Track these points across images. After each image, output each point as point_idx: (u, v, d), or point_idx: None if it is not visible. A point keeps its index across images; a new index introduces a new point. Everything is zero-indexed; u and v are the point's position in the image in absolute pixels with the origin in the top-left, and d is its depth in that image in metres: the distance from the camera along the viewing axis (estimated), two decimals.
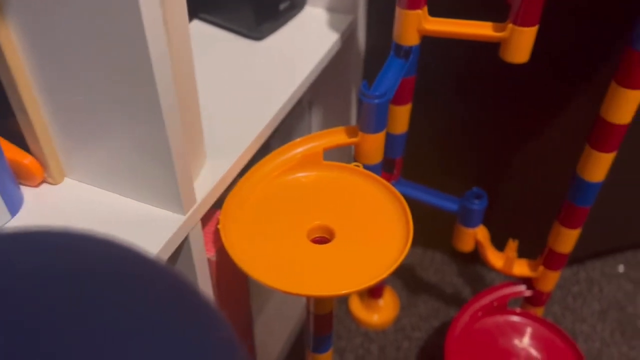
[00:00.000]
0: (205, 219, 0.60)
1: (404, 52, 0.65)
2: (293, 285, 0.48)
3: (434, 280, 1.05)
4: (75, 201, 0.49)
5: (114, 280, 0.22)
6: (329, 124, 0.89)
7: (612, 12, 0.70)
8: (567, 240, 0.75)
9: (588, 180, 0.67)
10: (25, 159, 0.48)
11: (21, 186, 0.49)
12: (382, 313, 0.97)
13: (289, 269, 0.50)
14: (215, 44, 0.71)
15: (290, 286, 0.48)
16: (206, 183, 0.51)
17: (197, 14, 0.75)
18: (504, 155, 0.90)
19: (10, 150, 0.48)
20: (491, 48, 0.63)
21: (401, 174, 0.79)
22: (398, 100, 0.70)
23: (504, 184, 0.93)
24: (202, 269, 0.53)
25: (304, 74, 0.65)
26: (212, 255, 0.57)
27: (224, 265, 0.59)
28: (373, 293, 0.96)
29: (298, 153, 0.60)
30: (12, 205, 0.46)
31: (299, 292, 0.48)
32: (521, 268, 0.81)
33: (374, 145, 0.63)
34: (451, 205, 0.74)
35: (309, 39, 0.72)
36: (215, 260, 0.57)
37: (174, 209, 0.47)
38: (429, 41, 0.67)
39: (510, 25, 0.58)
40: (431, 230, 1.00)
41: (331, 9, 0.77)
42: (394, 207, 0.56)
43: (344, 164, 0.60)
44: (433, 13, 0.62)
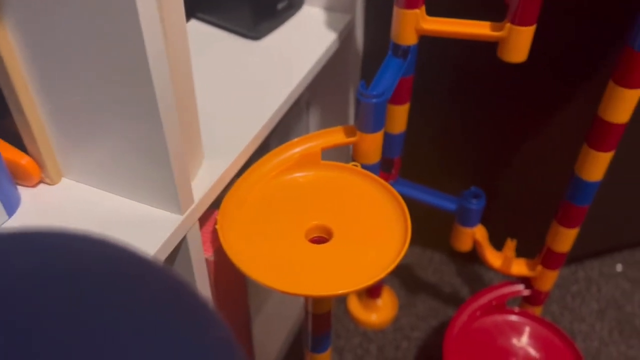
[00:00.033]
0: (203, 219, 0.60)
1: (402, 52, 0.65)
2: (291, 285, 0.48)
3: (433, 279, 1.05)
4: (72, 201, 0.48)
5: (111, 281, 0.22)
6: (327, 124, 0.89)
7: (610, 12, 0.70)
8: (566, 239, 0.75)
9: (586, 179, 0.67)
10: (23, 159, 0.48)
11: (18, 186, 0.49)
12: (381, 313, 0.97)
13: (287, 268, 0.50)
14: (212, 44, 0.71)
15: (288, 286, 0.48)
16: (204, 183, 0.51)
17: (195, 14, 0.75)
18: (502, 155, 0.90)
19: (7, 150, 0.48)
20: (489, 47, 0.63)
21: (399, 173, 0.79)
22: (396, 100, 0.70)
23: (502, 183, 0.93)
24: (200, 269, 0.53)
25: (302, 74, 0.65)
26: (210, 255, 0.57)
27: (222, 265, 0.59)
28: (371, 293, 0.96)
29: (296, 153, 0.60)
30: (10, 205, 0.46)
31: (297, 292, 0.48)
32: (519, 267, 0.81)
33: (372, 145, 0.63)
34: (449, 204, 0.74)
35: (306, 38, 0.72)
36: (213, 260, 0.57)
37: (172, 209, 0.47)
38: (427, 41, 0.67)
39: (508, 25, 0.58)
40: (429, 229, 1.00)
41: (329, 8, 0.77)
42: (392, 207, 0.56)
43: (342, 164, 0.60)
44: (431, 12, 0.62)
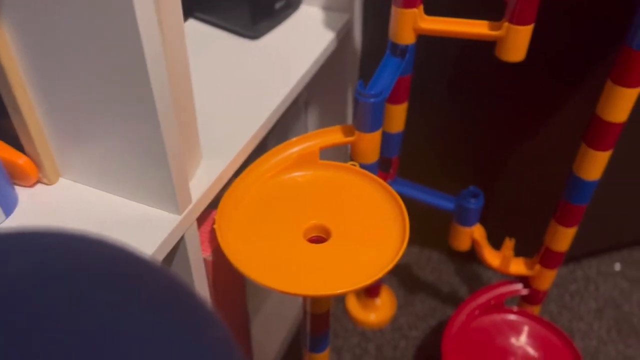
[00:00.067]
0: (201, 219, 0.60)
1: (400, 51, 0.64)
2: (289, 285, 0.48)
3: (431, 279, 1.05)
4: (70, 201, 0.48)
5: (110, 281, 0.22)
6: (325, 123, 0.88)
7: (608, 11, 0.70)
8: (564, 238, 0.75)
9: (584, 178, 0.67)
10: (20, 159, 0.48)
11: (16, 186, 0.49)
12: (379, 312, 0.97)
13: (286, 268, 0.50)
14: (210, 43, 0.71)
15: (286, 286, 0.48)
16: (202, 183, 0.51)
17: (193, 13, 0.75)
18: (500, 154, 0.90)
19: (4, 150, 0.48)
20: (487, 47, 0.63)
21: (397, 173, 0.79)
22: (394, 99, 0.70)
23: (501, 182, 0.93)
24: (198, 269, 0.53)
25: (300, 73, 0.65)
26: (208, 255, 0.57)
27: (220, 265, 0.59)
28: (370, 292, 0.96)
29: (294, 152, 0.60)
30: (7, 205, 0.46)
31: (296, 292, 0.48)
32: (518, 267, 0.81)
33: (370, 144, 0.63)
34: (448, 204, 0.74)
35: (304, 38, 0.72)
36: (211, 260, 0.57)
37: (170, 209, 0.47)
38: (425, 40, 0.67)
39: (506, 24, 0.58)
40: (428, 229, 1.00)
41: (327, 7, 0.77)
42: (390, 206, 0.56)
43: (340, 163, 0.60)
44: (429, 12, 0.62)
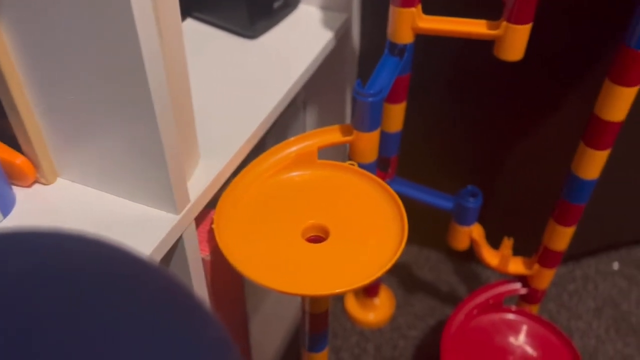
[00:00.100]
0: (199, 219, 0.60)
1: (399, 51, 0.64)
2: (288, 285, 0.48)
3: (430, 278, 1.05)
4: (68, 201, 0.48)
5: (108, 281, 0.22)
6: (324, 123, 0.88)
7: (606, 11, 0.70)
8: (562, 238, 0.75)
9: (583, 177, 0.67)
10: (17, 159, 0.47)
11: (13, 186, 0.49)
12: (378, 312, 0.97)
13: (284, 268, 0.50)
14: (208, 43, 0.71)
15: (285, 285, 0.48)
16: (200, 183, 0.51)
17: (191, 13, 0.75)
18: (499, 153, 0.90)
19: (1, 150, 0.48)
20: (486, 46, 0.63)
21: (396, 172, 0.79)
22: (392, 99, 0.70)
23: (499, 182, 0.93)
24: (197, 269, 0.53)
25: (298, 73, 0.65)
26: (207, 255, 0.57)
27: (219, 265, 0.59)
28: (369, 292, 0.96)
29: (292, 152, 0.60)
30: (4, 205, 0.46)
31: (294, 292, 0.48)
32: (516, 266, 0.81)
33: (369, 143, 0.63)
34: (446, 203, 0.74)
35: (303, 37, 0.72)
36: (209, 260, 0.57)
37: (168, 209, 0.47)
38: (424, 39, 0.67)
39: (504, 23, 0.58)
40: (426, 228, 1.00)
41: (325, 7, 0.77)
42: (388, 206, 0.56)
43: (338, 163, 0.60)
44: (427, 11, 0.62)
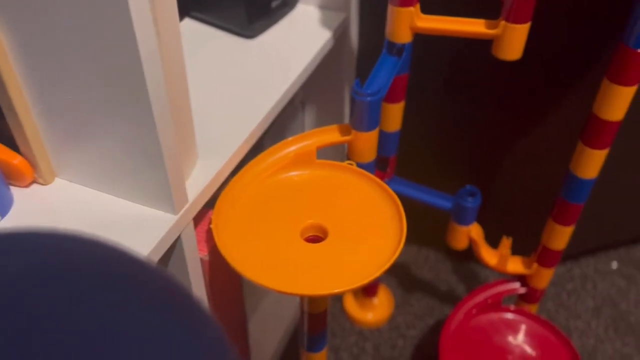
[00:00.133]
0: (198, 219, 0.59)
1: (397, 50, 0.64)
2: (287, 285, 0.48)
3: (428, 278, 1.05)
4: (66, 201, 0.48)
5: (105, 281, 0.22)
6: (322, 122, 0.88)
7: (604, 10, 0.70)
8: (561, 237, 0.75)
9: (581, 177, 0.67)
10: (15, 159, 0.47)
11: (11, 187, 0.49)
12: (377, 311, 0.97)
13: (283, 268, 0.50)
14: (207, 43, 0.71)
15: (283, 285, 0.48)
16: (198, 182, 0.50)
17: (189, 13, 0.75)
18: (497, 153, 0.90)
19: None
20: (484, 45, 0.63)
21: (395, 171, 0.79)
22: (391, 98, 0.70)
23: (498, 181, 0.93)
24: (195, 269, 0.53)
25: (297, 72, 0.65)
26: (205, 255, 0.57)
27: (217, 265, 0.59)
28: (367, 291, 0.96)
29: (291, 152, 0.60)
30: (2, 206, 0.46)
31: (293, 292, 0.48)
32: (515, 265, 0.81)
33: (367, 143, 0.63)
34: (445, 203, 0.74)
35: (301, 37, 0.72)
36: (208, 260, 0.57)
37: (166, 209, 0.47)
38: (422, 39, 0.67)
39: (502, 23, 0.58)
40: (425, 228, 1.00)
41: (323, 6, 0.77)
42: (387, 206, 0.56)
43: (337, 163, 0.60)
44: (425, 10, 0.62)
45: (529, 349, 0.81)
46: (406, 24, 0.62)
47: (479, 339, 0.83)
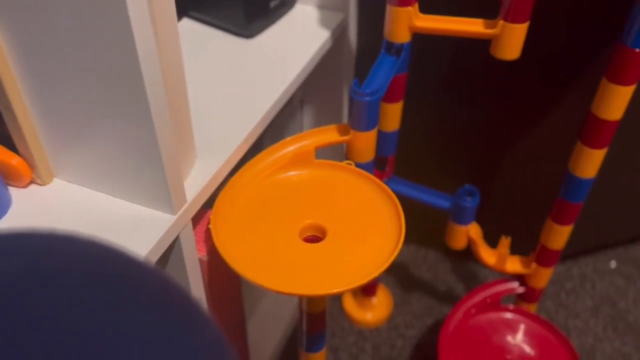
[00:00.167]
0: (196, 219, 0.59)
1: (395, 50, 0.64)
2: (285, 285, 0.48)
3: (427, 277, 1.05)
4: (64, 202, 0.48)
5: (103, 281, 0.22)
6: (321, 122, 0.88)
7: (602, 10, 0.71)
8: (560, 236, 0.75)
9: (580, 176, 0.67)
10: (13, 160, 0.47)
11: (9, 187, 0.49)
12: (376, 311, 0.97)
13: (281, 268, 0.50)
14: (205, 43, 0.71)
15: (282, 285, 0.48)
16: (196, 183, 0.50)
17: (187, 12, 0.75)
18: (496, 153, 0.90)
19: None
20: (483, 45, 0.63)
21: (393, 171, 0.79)
22: (389, 98, 0.70)
23: (497, 181, 0.93)
24: (194, 269, 0.52)
25: (295, 72, 0.65)
26: (204, 255, 0.57)
27: (216, 265, 0.59)
28: (366, 291, 0.96)
29: (289, 151, 0.60)
30: (0, 206, 0.46)
31: (292, 292, 0.48)
32: (514, 265, 0.81)
33: (366, 143, 0.63)
34: (444, 202, 0.74)
35: (300, 36, 0.72)
36: (206, 260, 0.57)
37: (164, 209, 0.47)
38: (420, 38, 0.67)
39: (501, 22, 0.58)
40: (424, 227, 1.00)
41: (322, 6, 0.77)
42: (386, 205, 0.56)
43: (335, 162, 0.60)
44: (424, 10, 0.62)
45: (527, 349, 0.81)
46: (404, 23, 0.62)
47: (478, 338, 0.83)
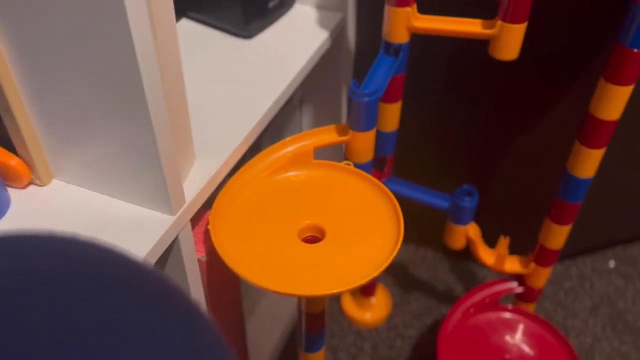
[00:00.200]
0: (195, 220, 0.59)
1: (394, 50, 0.64)
2: (284, 285, 0.48)
3: (426, 277, 1.05)
4: (63, 203, 0.48)
5: (102, 282, 0.22)
6: (320, 123, 0.88)
7: (601, 10, 0.71)
8: (558, 236, 0.75)
9: (578, 176, 0.67)
10: (12, 161, 0.47)
11: (8, 188, 0.49)
12: (375, 311, 0.97)
13: (280, 268, 0.50)
14: (204, 43, 0.71)
15: (281, 286, 0.48)
16: (195, 183, 0.50)
17: (186, 13, 0.75)
18: (495, 153, 0.90)
19: None
20: (481, 45, 0.63)
21: (392, 171, 0.79)
22: (388, 98, 0.70)
23: (495, 181, 0.93)
24: (193, 269, 0.52)
25: (294, 72, 0.65)
26: (203, 255, 0.57)
27: (215, 265, 0.59)
28: (365, 291, 0.96)
29: (288, 152, 0.60)
30: None
31: (290, 292, 0.48)
32: (512, 265, 0.81)
33: (365, 143, 0.63)
34: (442, 202, 0.74)
35: (298, 37, 0.72)
36: (205, 260, 0.57)
37: (163, 210, 0.47)
38: (419, 39, 0.67)
39: (499, 22, 0.58)
40: (423, 227, 1.00)
41: (320, 6, 0.77)
42: (385, 205, 0.56)
43: (334, 163, 0.60)
44: (422, 10, 0.62)
45: (526, 348, 0.82)
46: (403, 24, 0.62)
47: (477, 338, 0.83)
